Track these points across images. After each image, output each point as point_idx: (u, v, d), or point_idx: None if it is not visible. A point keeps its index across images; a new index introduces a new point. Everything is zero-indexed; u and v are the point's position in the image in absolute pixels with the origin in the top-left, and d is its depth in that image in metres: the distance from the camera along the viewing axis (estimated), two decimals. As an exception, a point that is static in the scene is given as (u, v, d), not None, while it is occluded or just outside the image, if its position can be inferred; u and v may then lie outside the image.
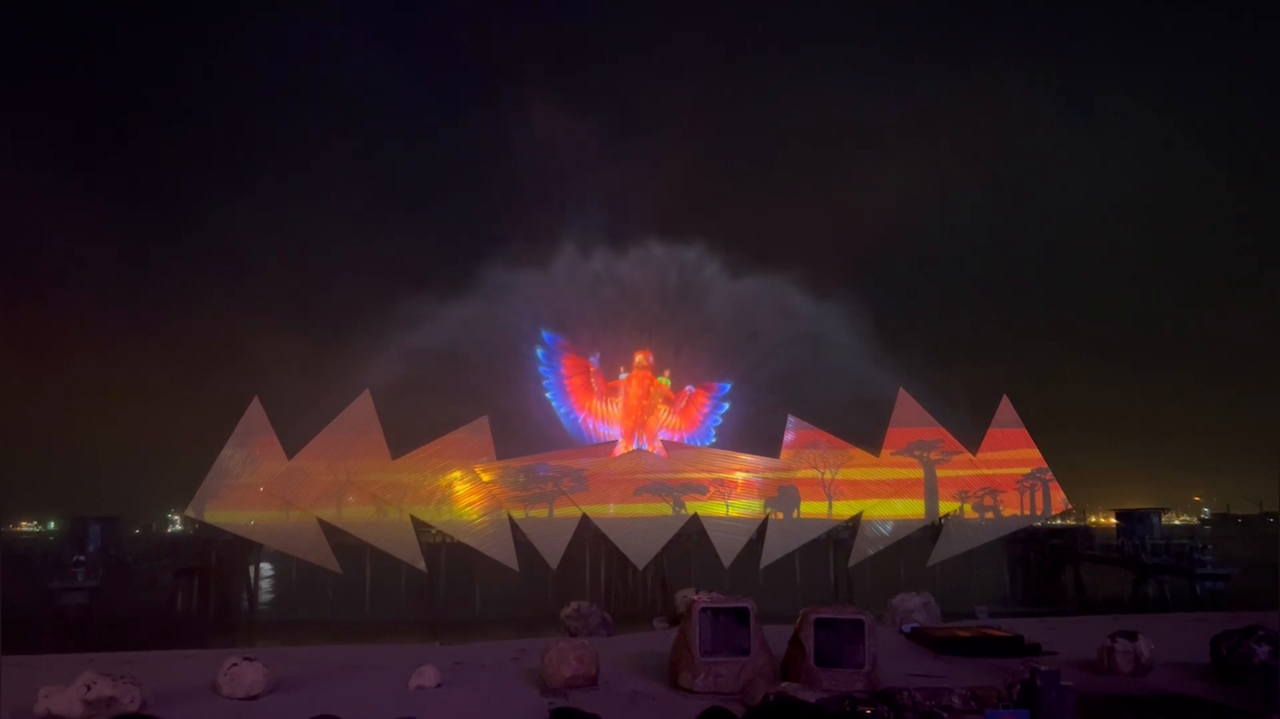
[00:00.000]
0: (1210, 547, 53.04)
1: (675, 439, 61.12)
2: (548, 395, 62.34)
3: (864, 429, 55.62)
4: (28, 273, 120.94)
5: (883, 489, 53.84)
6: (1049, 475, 54.12)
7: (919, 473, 53.98)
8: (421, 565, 51.11)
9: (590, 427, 62.40)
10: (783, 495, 53.42)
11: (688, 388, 62.93)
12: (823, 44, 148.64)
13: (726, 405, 62.37)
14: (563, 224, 67.15)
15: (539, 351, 62.68)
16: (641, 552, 50.98)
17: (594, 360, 62.62)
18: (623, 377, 63.22)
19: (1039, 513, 54.79)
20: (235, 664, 16.67)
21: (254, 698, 16.31)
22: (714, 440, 61.24)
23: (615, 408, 62.39)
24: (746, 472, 54.68)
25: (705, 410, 62.41)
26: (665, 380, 63.16)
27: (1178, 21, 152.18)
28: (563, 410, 62.20)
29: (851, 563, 52.66)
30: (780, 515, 52.84)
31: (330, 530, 50.56)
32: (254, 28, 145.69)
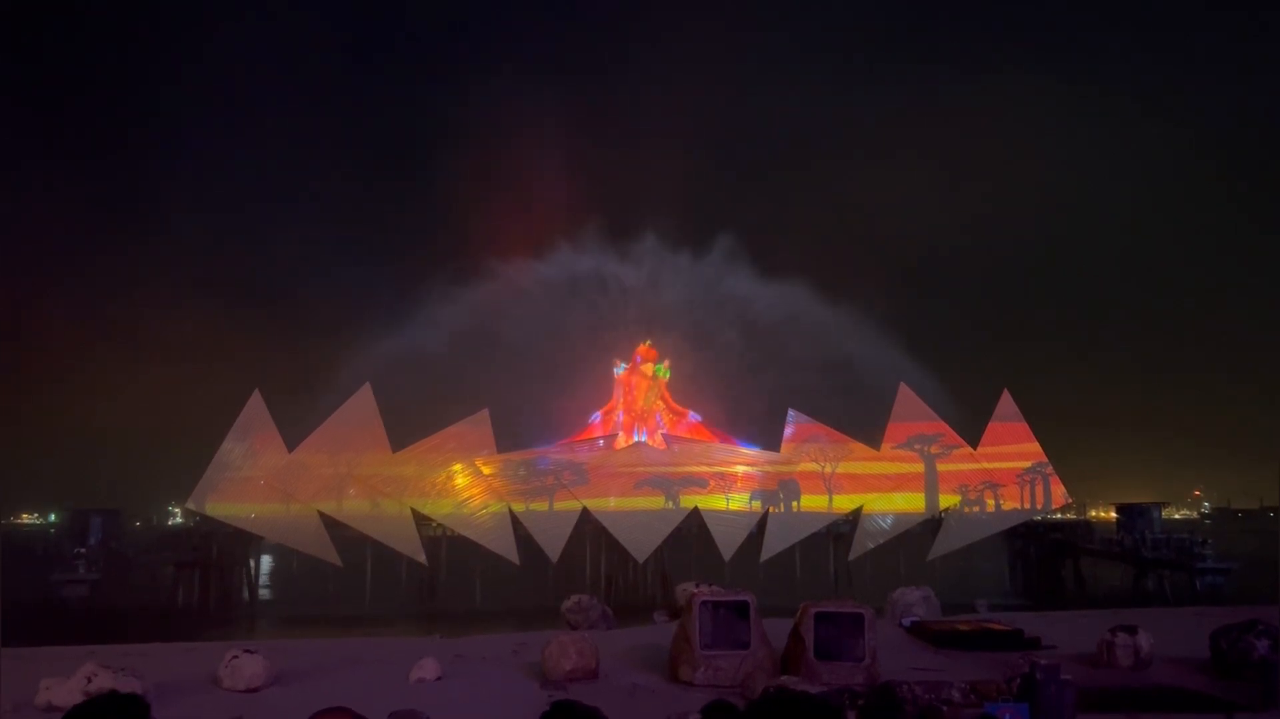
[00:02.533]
0: (1210, 541, 53.01)
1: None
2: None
3: (865, 424, 55.71)
4: (27, 268, 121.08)
5: (883, 483, 53.83)
6: (1049, 469, 54.08)
7: (919, 467, 53.94)
8: (422, 558, 51.12)
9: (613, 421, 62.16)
10: (783, 489, 53.42)
11: (691, 414, 62.47)
12: (825, 46, 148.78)
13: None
14: (563, 221, 67.14)
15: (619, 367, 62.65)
16: (642, 545, 50.98)
17: (595, 416, 62.51)
18: (621, 369, 63.13)
19: (1039, 507, 54.75)
20: (236, 656, 16.69)
21: (254, 690, 16.32)
22: None
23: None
24: (747, 465, 54.65)
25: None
26: (664, 372, 62.94)
27: (1178, 22, 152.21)
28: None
29: (851, 557, 52.64)
30: (773, 509, 52.70)
31: (331, 523, 50.57)
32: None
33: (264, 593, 57.86)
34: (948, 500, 53.92)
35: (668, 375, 63.30)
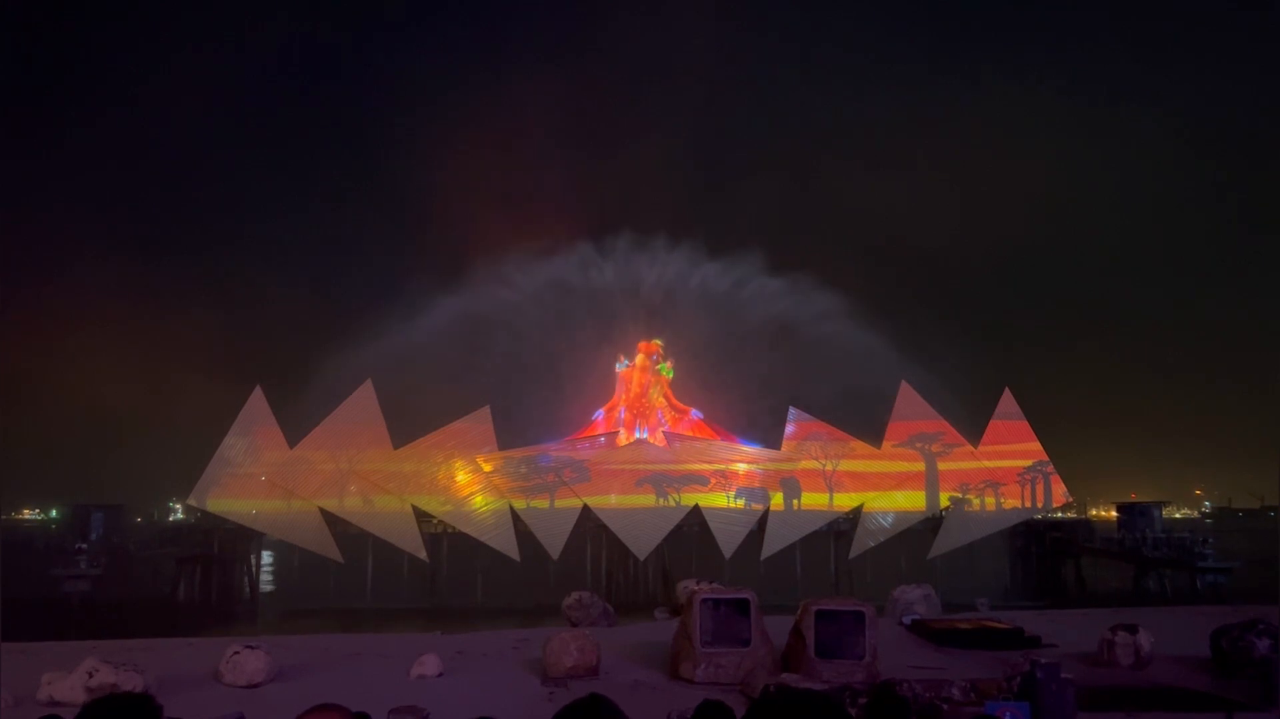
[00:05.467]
0: (1211, 540, 52.94)
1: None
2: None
3: (865, 422, 55.66)
4: (30, 262, 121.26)
5: (884, 481, 53.83)
6: (1050, 468, 54.06)
7: (920, 465, 53.92)
8: (423, 555, 51.15)
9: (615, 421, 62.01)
10: (784, 486, 53.42)
11: (693, 412, 62.32)
12: (826, 45, 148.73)
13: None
14: (563, 218, 66.94)
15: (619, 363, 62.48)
16: (642, 542, 51.00)
17: (598, 414, 62.50)
18: (623, 365, 62.96)
19: (1039, 506, 54.72)
20: (237, 652, 16.72)
21: (256, 686, 16.35)
22: None
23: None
24: (748, 463, 54.61)
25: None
26: (667, 371, 62.76)
27: (1169, 22, 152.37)
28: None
29: (852, 555, 52.65)
30: (757, 507, 52.69)
31: (332, 519, 50.62)
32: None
33: (265, 589, 57.89)
34: (948, 499, 53.92)
35: (671, 374, 63.17)
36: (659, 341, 62.96)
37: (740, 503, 52.77)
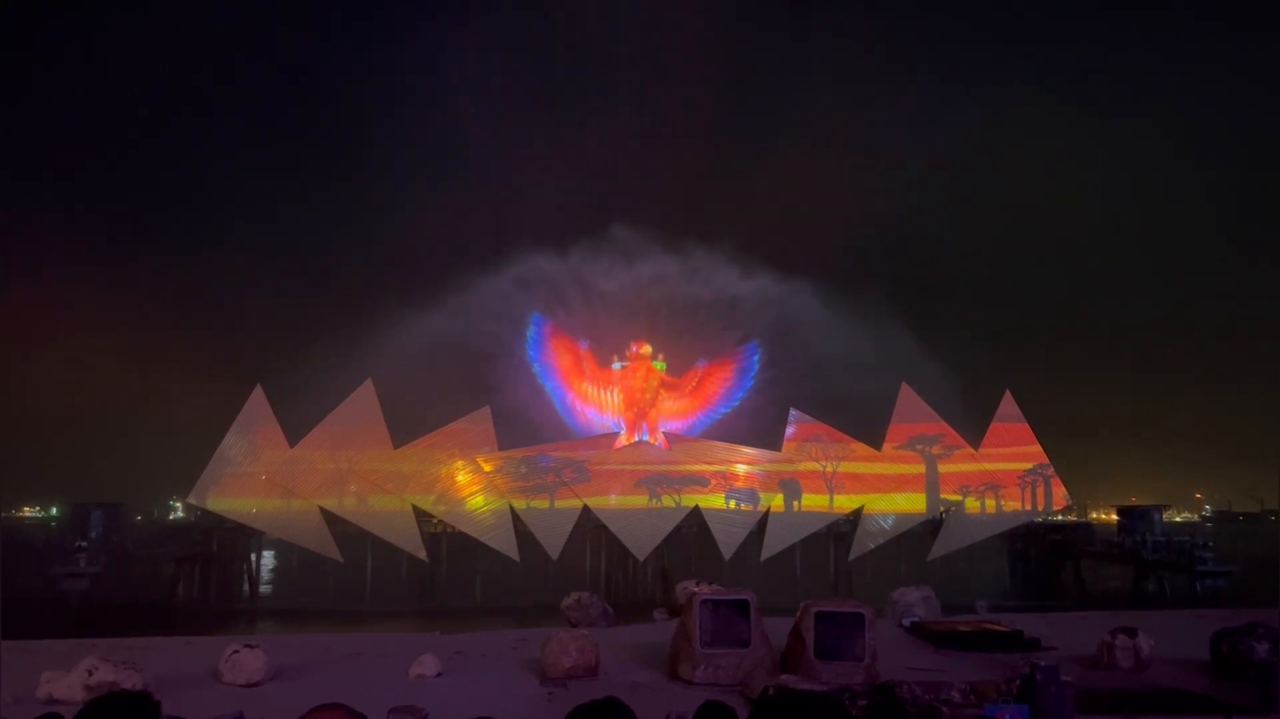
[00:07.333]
0: (1211, 544, 52.95)
1: (686, 423, 60.68)
2: (535, 371, 61.22)
3: (869, 423, 55.60)
4: (29, 260, 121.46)
5: (884, 483, 53.82)
6: (1050, 471, 54.04)
7: (920, 467, 53.91)
8: (423, 554, 51.14)
9: (585, 413, 61.50)
10: (784, 488, 53.40)
11: (699, 361, 61.97)
12: (827, 42, 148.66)
13: (755, 364, 60.70)
14: (562, 214, 66.59)
15: (528, 334, 61.76)
16: (642, 543, 51.00)
17: (583, 344, 61.85)
18: (617, 366, 62.70)
19: (1040, 508, 54.70)
20: (236, 651, 16.74)
21: (255, 685, 16.36)
22: (738, 404, 60.50)
23: (611, 396, 61.72)
24: (748, 464, 54.58)
25: (727, 381, 61.26)
26: (660, 365, 62.27)
27: (1164, 23, 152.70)
28: (550, 386, 61.28)
29: (852, 556, 52.64)
30: (747, 508, 52.66)
31: (332, 519, 50.60)
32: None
33: (265, 588, 57.88)
34: (948, 501, 53.86)
35: (664, 367, 62.68)
36: (649, 347, 62.43)
37: (733, 504, 52.80)
